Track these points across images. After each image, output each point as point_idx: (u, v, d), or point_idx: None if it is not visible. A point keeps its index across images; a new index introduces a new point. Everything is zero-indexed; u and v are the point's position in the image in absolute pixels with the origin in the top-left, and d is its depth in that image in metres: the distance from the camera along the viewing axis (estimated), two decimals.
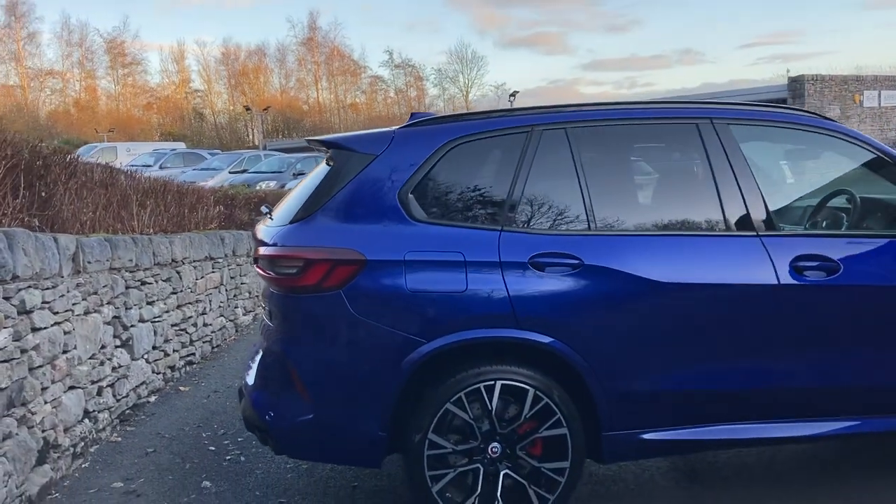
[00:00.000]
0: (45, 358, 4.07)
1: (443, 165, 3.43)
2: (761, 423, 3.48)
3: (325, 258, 3.24)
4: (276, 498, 3.85)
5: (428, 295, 3.23)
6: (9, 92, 73.74)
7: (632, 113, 3.65)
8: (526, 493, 3.30)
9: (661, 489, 3.79)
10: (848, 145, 3.69)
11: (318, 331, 3.28)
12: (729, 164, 3.51)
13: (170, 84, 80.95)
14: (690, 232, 3.46)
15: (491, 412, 3.26)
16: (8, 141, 5.03)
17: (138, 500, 3.91)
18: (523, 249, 3.30)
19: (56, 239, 4.41)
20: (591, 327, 3.30)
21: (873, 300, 3.49)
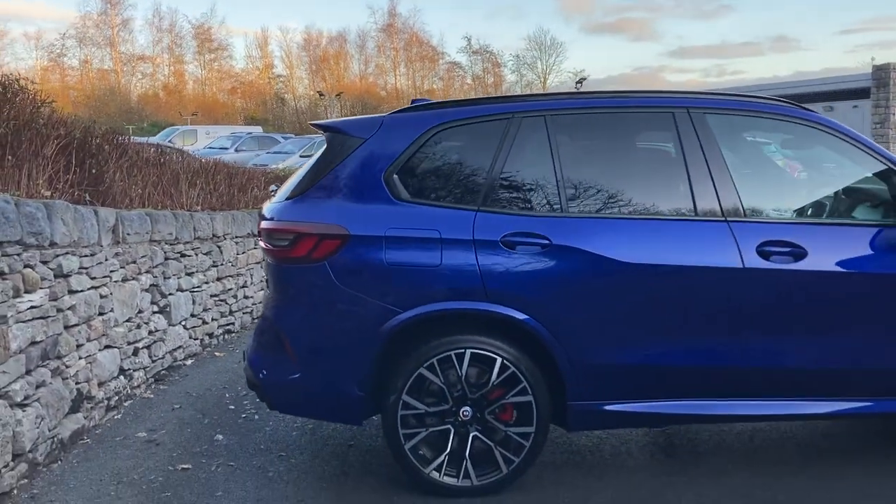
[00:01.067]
0: (80, 318, 4.53)
1: (427, 149, 3.70)
2: (725, 400, 3.64)
3: (313, 232, 3.56)
4: (278, 452, 4.21)
5: (405, 268, 3.51)
6: (104, 76, 77.11)
7: (609, 102, 3.83)
8: (493, 455, 3.56)
9: (636, 462, 3.98)
10: (827, 136, 3.78)
11: (305, 298, 3.60)
12: (702, 152, 3.66)
13: (253, 69, 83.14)
14: (659, 216, 3.63)
15: (461, 378, 3.52)
16: (61, 120, 5.51)
17: (157, 448, 4.33)
18: (496, 229, 3.54)
19: (96, 212, 4.86)
20: (557, 302, 3.52)
21: (841, 286, 3.59)
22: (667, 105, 3.77)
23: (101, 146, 5.93)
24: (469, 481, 3.55)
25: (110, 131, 6.39)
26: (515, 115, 3.73)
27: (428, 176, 3.71)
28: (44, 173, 5.19)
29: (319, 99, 62.78)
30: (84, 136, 5.78)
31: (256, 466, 4.02)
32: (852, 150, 3.78)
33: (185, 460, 4.12)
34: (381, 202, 3.61)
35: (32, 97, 5.41)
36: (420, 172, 3.70)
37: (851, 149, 3.77)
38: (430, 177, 3.71)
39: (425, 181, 3.69)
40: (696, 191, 3.63)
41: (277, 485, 3.79)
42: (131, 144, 6.66)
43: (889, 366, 3.63)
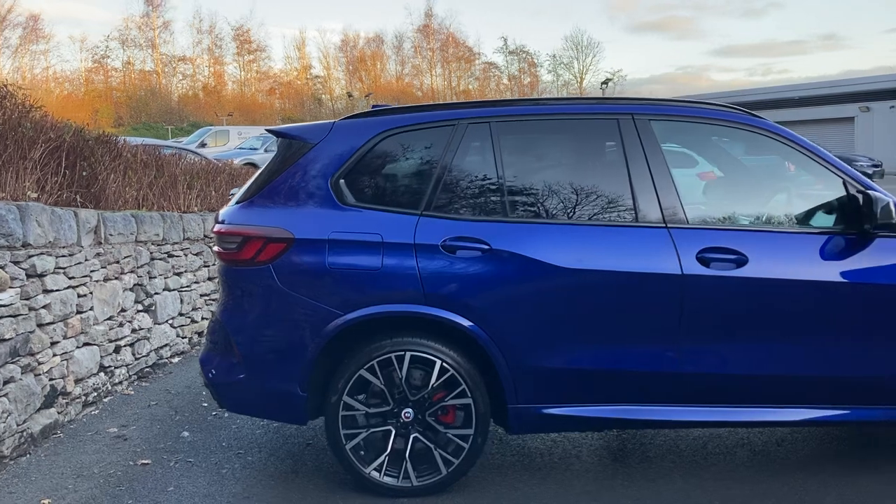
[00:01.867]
0: (56, 316, 4.68)
1: (373, 155, 3.77)
2: (664, 405, 3.64)
3: (258, 235, 3.65)
4: (237, 449, 4.31)
5: (346, 271, 3.58)
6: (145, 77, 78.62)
7: (553, 109, 3.86)
8: (433, 456, 3.61)
9: (583, 465, 4.00)
10: (775, 143, 3.76)
11: (250, 300, 3.69)
12: (645, 159, 3.67)
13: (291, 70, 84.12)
14: (599, 222, 3.65)
15: (401, 380, 3.58)
16: (51, 125, 5.69)
17: (124, 443, 4.46)
18: (437, 233, 3.59)
19: (76, 213, 5.02)
20: (496, 306, 3.56)
21: (784, 293, 3.57)
22: (611, 112, 3.79)
23: (93, 149, 6.09)
24: (409, 482, 3.61)
25: (103, 134, 6.55)
26: (460, 122, 3.78)
27: (374, 181, 3.77)
28: (31, 176, 5.37)
29: (349, 100, 63.20)
30: (76, 139, 5.94)
31: (213, 463, 4.13)
32: (801, 158, 3.76)
33: (147, 456, 4.25)
34: (327, 206, 3.68)
35: (22, 102, 5.59)
36: (366, 177, 3.76)
37: (800, 156, 3.75)
38: (375, 182, 3.77)
39: (371, 186, 3.76)
40: (637, 197, 3.64)
41: (228, 481, 3.89)
42: (125, 147, 6.82)
43: (832, 374, 3.60)
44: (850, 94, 33.14)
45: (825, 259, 3.60)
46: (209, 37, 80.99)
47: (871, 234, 3.58)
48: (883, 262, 3.58)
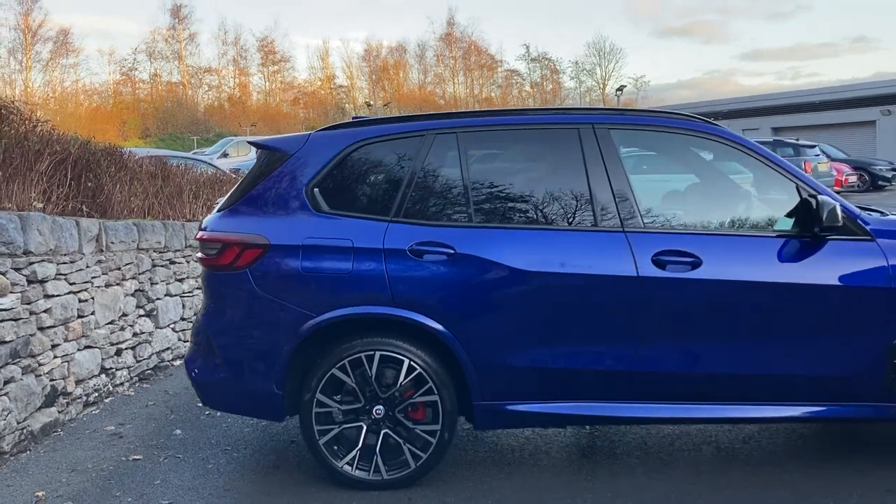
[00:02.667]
0: (56, 320, 4.93)
1: (346, 164, 3.97)
2: (625, 402, 3.79)
3: (236, 241, 3.86)
4: (224, 446, 4.52)
5: (318, 275, 3.78)
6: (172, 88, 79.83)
7: (517, 119, 4.04)
8: (402, 451, 3.79)
9: (551, 461, 4.15)
10: (732, 150, 3.91)
11: (229, 303, 3.90)
12: (603, 166, 3.84)
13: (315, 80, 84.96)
14: (560, 226, 3.82)
15: (371, 378, 3.77)
16: (57, 139, 5.97)
17: (119, 440, 4.69)
18: (405, 238, 3.78)
19: (78, 222, 5.27)
20: (460, 307, 3.74)
21: (737, 294, 3.70)
22: (572, 122, 3.95)
23: (99, 161, 6.37)
24: (380, 475, 3.79)
25: (109, 147, 6.82)
26: (429, 133, 3.97)
27: (347, 189, 3.97)
28: (37, 187, 5.64)
29: (368, 109, 63.70)
30: (82, 152, 6.21)
31: (200, 459, 4.34)
32: (756, 164, 3.89)
33: (140, 452, 4.47)
34: (302, 214, 3.88)
35: (28, 117, 5.87)
36: (339, 186, 3.96)
37: (755, 162, 3.89)
38: (349, 190, 3.97)
39: (344, 194, 3.95)
40: (596, 202, 3.80)
41: (213, 476, 4.09)
42: (131, 158, 7.09)
43: (785, 372, 3.72)
44: (871, 97, 32.86)
45: (779, 261, 3.72)
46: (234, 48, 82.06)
47: (823, 237, 3.71)
48: (834, 265, 3.70)
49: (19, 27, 72.22)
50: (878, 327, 3.69)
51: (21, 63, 72.38)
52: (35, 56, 73.18)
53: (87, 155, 6.31)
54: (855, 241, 3.74)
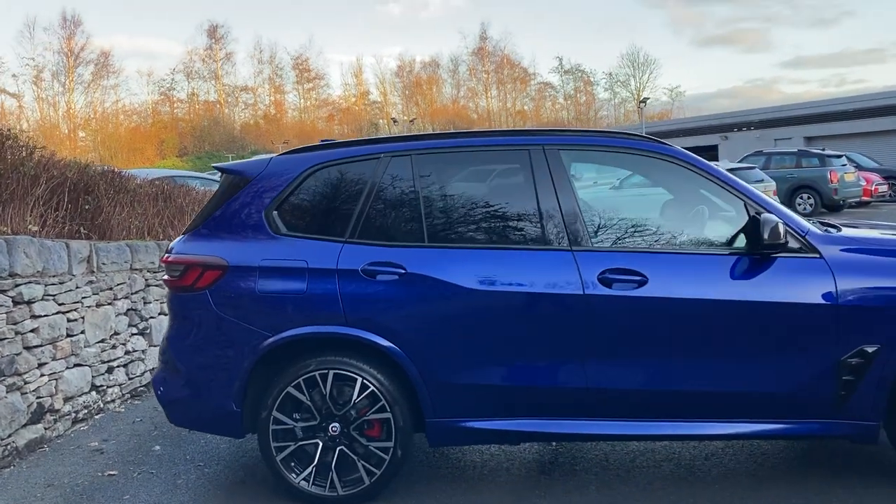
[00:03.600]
0: (44, 339, 5.12)
1: (304, 187, 4.08)
2: (575, 419, 3.83)
3: (197, 263, 3.99)
4: (198, 462, 4.65)
5: (274, 296, 3.89)
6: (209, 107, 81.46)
7: (469, 141, 4.12)
8: (357, 467, 3.87)
9: (509, 478, 4.19)
10: (681, 168, 3.94)
11: (190, 323, 4.03)
12: (553, 186, 3.90)
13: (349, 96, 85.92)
14: (509, 246, 3.88)
15: (325, 396, 3.86)
16: (54, 164, 6.20)
17: (100, 456, 4.85)
18: (358, 259, 3.88)
19: (68, 244, 5.47)
20: (411, 327, 3.82)
21: (683, 311, 3.73)
22: (522, 143, 4.02)
23: (97, 184, 6.58)
24: (335, 492, 3.87)
25: (107, 170, 7.05)
26: (384, 155, 4.07)
27: (305, 211, 4.08)
28: (33, 211, 5.86)
29: (395, 125, 64.22)
30: (80, 176, 6.43)
31: (172, 474, 4.47)
32: (706, 183, 3.92)
33: (116, 467, 4.62)
34: (260, 236, 4.01)
35: (25, 144, 6.11)
36: (297, 208, 4.07)
37: (703, 180, 3.92)
38: (306, 212, 4.08)
39: (302, 216, 4.06)
40: (545, 222, 3.87)
41: (181, 491, 4.22)
42: (131, 180, 7.31)
43: (732, 390, 3.73)
44: None
45: (727, 279, 3.74)
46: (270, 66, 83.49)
47: (770, 255, 3.72)
48: (781, 282, 3.71)
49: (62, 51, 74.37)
50: (827, 344, 3.68)
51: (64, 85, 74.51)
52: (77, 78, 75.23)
53: (86, 179, 6.52)
54: (803, 258, 3.74)
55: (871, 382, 3.66)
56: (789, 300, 3.69)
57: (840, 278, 3.68)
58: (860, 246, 3.84)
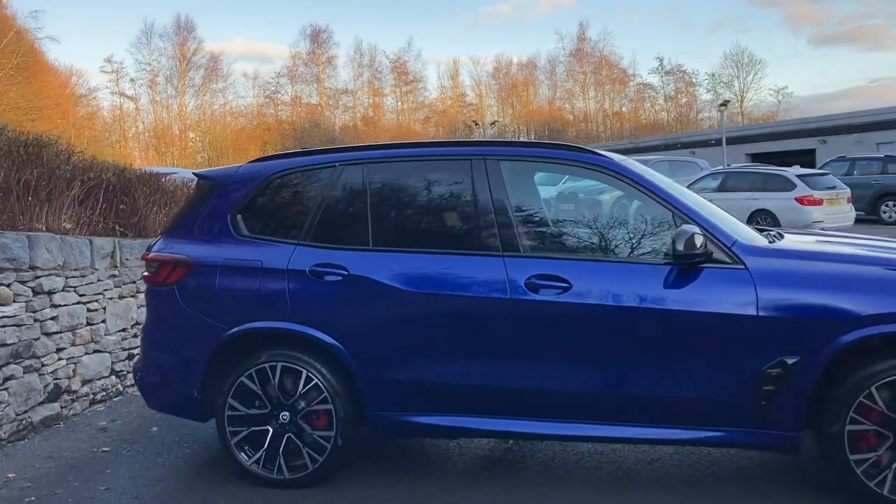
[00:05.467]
0: (63, 326, 5.66)
1: (266, 193, 4.43)
2: (506, 418, 4.00)
3: (168, 261, 4.39)
4: (182, 442, 5.06)
5: (231, 292, 4.24)
6: (311, 110, 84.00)
7: (416, 152, 4.36)
8: (302, 453, 4.18)
9: (454, 470, 4.40)
10: (613, 178, 4.05)
11: (161, 315, 4.43)
12: (490, 195, 4.09)
13: (445, 98, 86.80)
14: (446, 251, 4.09)
15: (275, 387, 4.18)
16: (91, 167, 6.79)
17: (103, 434, 5.34)
18: (307, 260, 4.18)
19: (91, 241, 6.03)
20: (352, 325, 4.09)
21: (604, 318, 3.85)
22: (465, 154, 4.23)
23: (134, 185, 7.16)
24: (282, 475, 4.18)
25: (144, 173, 7.63)
26: (339, 164, 4.36)
27: (264, 216, 4.42)
28: (68, 210, 6.45)
29: (474, 128, 64.33)
30: (118, 178, 7.02)
31: (156, 452, 4.90)
32: (636, 192, 4.02)
33: (111, 445, 5.09)
34: (225, 237, 4.37)
35: (64, 149, 6.72)
36: (258, 213, 4.42)
37: (635, 190, 4.02)
38: (266, 216, 4.42)
39: (262, 220, 4.40)
40: (480, 229, 4.06)
41: (157, 468, 4.63)
42: (168, 182, 7.88)
43: (656, 394, 3.82)
44: None
45: (650, 287, 3.83)
46: (369, 70, 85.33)
47: (694, 265, 3.79)
48: (704, 292, 3.77)
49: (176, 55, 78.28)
50: (748, 354, 3.72)
51: (176, 88, 78.43)
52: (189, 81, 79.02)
53: (123, 181, 7.10)
54: (728, 269, 3.80)
55: (791, 393, 3.69)
56: (711, 310, 3.75)
57: (762, 290, 3.71)
58: (788, 258, 3.85)
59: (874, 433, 3.66)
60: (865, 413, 3.65)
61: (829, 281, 3.72)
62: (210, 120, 79.23)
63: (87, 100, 71.22)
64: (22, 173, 6.08)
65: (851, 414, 3.65)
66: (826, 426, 3.71)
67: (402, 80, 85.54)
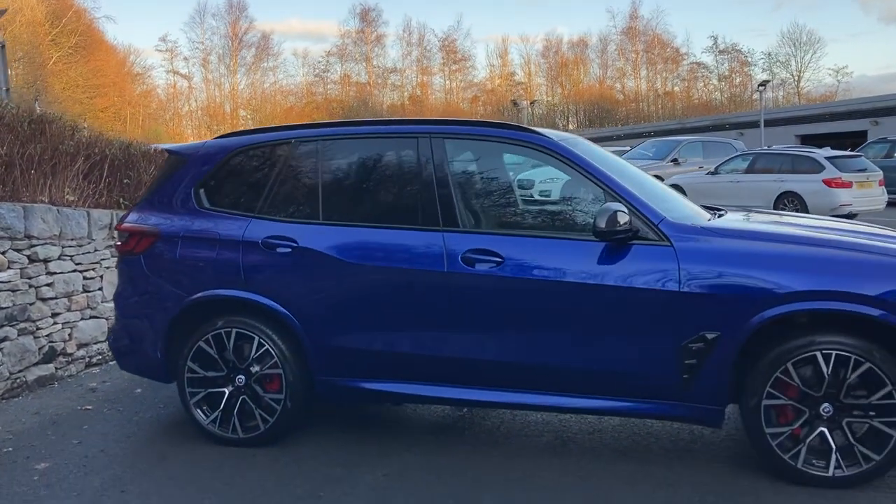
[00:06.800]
0: (58, 293, 6.02)
1: (227, 168, 4.66)
2: (441, 385, 4.19)
3: (136, 231, 4.66)
4: (160, 404, 5.36)
5: (190, 262, 4.50)
6: (360, 88, 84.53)
7: (366, 129, 4.54)
8: (255, 415, 4.43)
9: (400, 431, 4.61)
10: (550, 157, 4.17)
11: (129, 282, 4.71)
12: (433, 172, 4.24)
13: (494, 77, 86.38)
14: (390, 225, 4.27)
15: (229, 352, 4.43)
16: (95, 142, 7.13)
17: (91, 394, 5.68)
18: (261, 232, 4.41)
19: (89, 213, 6.36)
20: (300, 294, 4.31)
21: (534, 291, 3.98)
22: (413, 132, 4.39)
23: (138, 161, 7.49)
24: (237, 434, 4.44)
25: (148, 149, 7.96)
26: (294, 141, 4.56)
27: (225, 189, 4.65)
28: (72, 184, 6.80)
29: (514, 108, 63.83)
30: (123, 153, 7.35)
31: (134, 412, 5.21)
32: (571, 171, 4.13)
33: (95, 404, 5.42)
34: (188, 209, 4.62)
35: (70, 125, 7.06)
36: (219, 186, 4.65)
37: (570, 169, 4.13)
38: (226, 190, 4.65)
39: (222, 193, 4.64)
40: (423, 204, 4.22)
41: (130, 426, 4.94)
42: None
43: (583, 366, 3.94)
44: None
45: (579, 263, 3.95)
46: (418, 48, 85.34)
47: (624, 241, 3.89)
48: (630, 268, 3.87)
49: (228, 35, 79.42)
50: (671, 329, 3.83)
51: (228, 67, 79.63)
52: (240, 60, 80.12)
53: (128, 156, 7.43)
54: (654, 246, 3.89)
55: (713, 368, 3.78)
56: (635, 286, 3.86)
57: (685, 266, 3.80)
58: (713, 236, 3.92)
59: (791, 408, 3.75)
60: (782, 388, 3.73)
61: (751, 259, 3.80)
62: (261, 98, 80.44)
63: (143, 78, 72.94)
64: (26, 148, 6.43)
65: (768, 389, 3.74)
66: (745, 400, 3.81)
67: (451, 59, 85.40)
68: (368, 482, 3.95)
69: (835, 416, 3.70)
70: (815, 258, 3.77)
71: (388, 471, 4.08)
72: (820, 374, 3.68)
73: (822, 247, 3.85)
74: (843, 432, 3.70)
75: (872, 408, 3.65)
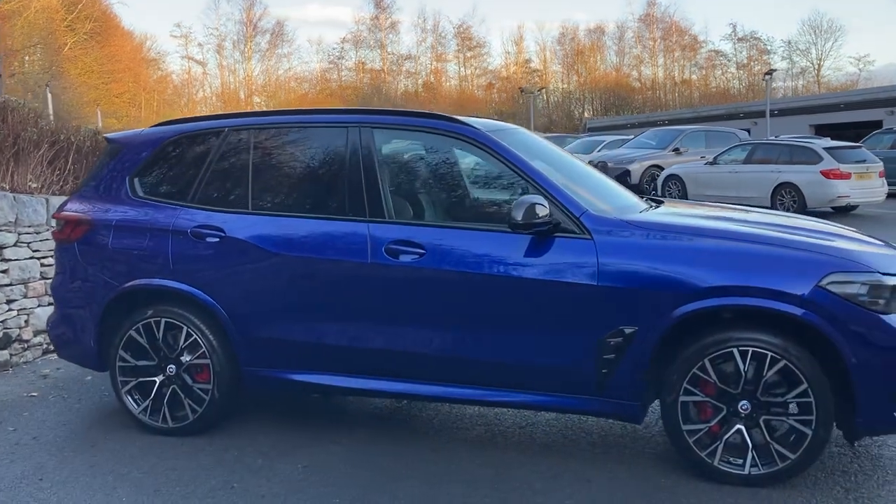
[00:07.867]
0: (14, 279, 6.04)
1: (160, 157, 4.63)
2: (364, 377, 4.16)
3: (71, 219, 4.66)
4: (105, 392, 5.36)
5: (122, 251, 4.48)
6: (375, 75, 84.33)
7: (297, 119, 4.51)
8: (184, 404, 4.42)
9: (329, 420, 4.59)
10: (474, 147, 4.11)
11: (65, 270, 4.71)
12: (360, 162, 4.20)
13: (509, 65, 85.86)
14: (317, 215, 4.23)
15: (159, 341, 4.42)
16: (59, 130, 7.14)
17: (42, 381, 5.71)
18: (190, 221, 4.39)
19: (47, 199, 6.37)
20: (226, 284, 4.29)
21: (454, 283, 3.93)
22: (343, 122, 4.34)
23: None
24: (167, 423, 4.44)
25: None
26: (226, 130, 4.53)
27: (158, 178, 4.63)
28: (35, 171, 6.82)
29: (522, 95, 63.34)
30: (92, 141, 7.36)
31: (77, 399, 5.23)
32: (496, 163, 4.07)
33: (41, 391, 5.44)
34: (122, 198, 4.60)
35: (31, 114, 7.08)
36: (153, 175, 4.63)
37: (496, 161, 4.06)
38: (159, 179, 4.63)
39: (155, 182, 4.62)
40: (350, 195, 4.18)
41: (69, 413, 4.95)
42: None
43: (503, 359, 3.90)
44: None
45: (500, 255, 3.89)
46: (433, 35, 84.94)
47: (539, 234, 3.82)
48: (550, 261, 3.81)
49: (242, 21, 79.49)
50: (590, 323, 3.77)
51: (243, 53, 79.75)
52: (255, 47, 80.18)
53: (96, 144, 7.44)
54: (574, 238, 3.83)
55: (630, 363, 3.73)
56: (555, 279, 3.80)
57: (604, 260, 3.74)
58: (635, 229, 3.85)
59: (708, 405, 3.69)
60: (699, 384, 3.67)
61: (672, 254, 3.73)
62: (275, 85, 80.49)
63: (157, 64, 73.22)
64: None
65: (685, 385, 3.68)
66: (663, 396, 3.75)
67: (466, 46, 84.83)
68: (286, 473, 3.94)
69: (752, 413, 3.64)
70: (734, 253, 3.69)
71: (309, 462, 4.07)
72: (737, 371, 3.61)
73: (745, 242, 3.76)
74: (760, 430, 3.63)
75: (789, 405, 3.58)
